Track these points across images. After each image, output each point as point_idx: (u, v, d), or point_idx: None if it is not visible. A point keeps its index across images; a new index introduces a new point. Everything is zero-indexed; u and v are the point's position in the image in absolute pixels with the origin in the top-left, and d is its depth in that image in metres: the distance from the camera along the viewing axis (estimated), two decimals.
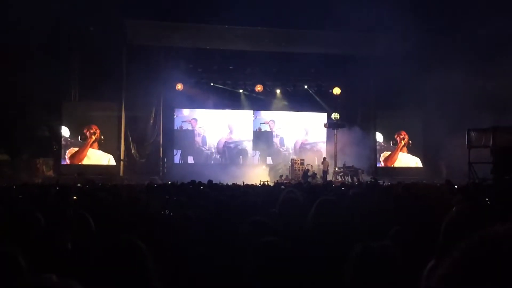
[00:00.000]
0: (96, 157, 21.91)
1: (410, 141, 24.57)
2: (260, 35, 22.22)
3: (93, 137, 21.72)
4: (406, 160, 24.73)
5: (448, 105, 19.98)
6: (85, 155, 21.75)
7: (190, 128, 24.60)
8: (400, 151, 24.70)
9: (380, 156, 24.68)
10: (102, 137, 21.83)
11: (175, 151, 24.18)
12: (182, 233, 3.03)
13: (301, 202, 4.67)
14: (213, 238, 3.10)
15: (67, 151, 21.55)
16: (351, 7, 18.23)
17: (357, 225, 3.35)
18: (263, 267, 2.17)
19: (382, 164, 24.64)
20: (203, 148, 24.64)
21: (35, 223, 2.85)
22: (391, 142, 24.66)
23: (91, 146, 21.76)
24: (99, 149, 21.88)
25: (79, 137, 21.60)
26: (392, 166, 24.49)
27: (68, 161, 21.54)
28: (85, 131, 21.62)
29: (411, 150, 24.61)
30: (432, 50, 20.61)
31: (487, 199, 5.43)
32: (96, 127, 21.77)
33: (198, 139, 24.61)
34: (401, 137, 24.59)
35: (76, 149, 21.64)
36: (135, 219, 3.45)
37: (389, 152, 24.69)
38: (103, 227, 3.16)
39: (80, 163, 21.59)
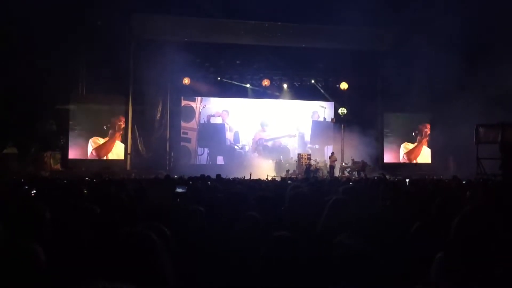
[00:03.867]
0: (120, 149, 22.02)
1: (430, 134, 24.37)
2: (268, 29, 22.16)
3: (122, 129, 21.92)
4: (425, 152, 24.51)
5: (457, 100, 19.86)
6: (111, 148, 21.87)
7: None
8: (422, 144, 24.50)
9: (401, 147, 24.36)
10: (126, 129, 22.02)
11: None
12: (193, 227, 3.03)
13: (307, 195, 4.69)
14: (224, 232, 3.10)
15: (91, 142, 21.59)
16: (360, 2, 18.14)
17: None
18: (274, 261, 2.17)
19: (403, 158, 24.35)
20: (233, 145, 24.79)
21: (41, 217, 2.85)
22: (413, 133, 24.38)
23: (116, 138, 21.94)
24: (121, 141, 22.08)
25: (104, 126, 21.69)
26: (410, 161, 24.23)
27: (94, 153, 21.61)
28: (114, 121, 21.77)
29: (428, 143, 24.45)
30: (439, 45, 20.44)
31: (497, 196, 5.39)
32: (124, 119, 21.89)
33: (230, 135, 24.73)
34: (425, 130, 24.36)
35: (102, 141, 21.72)
36: (146, 212, 3.46)
37: (411, 145, 24.42)
38: (113, 220, 3.17)
39: (106, 156, 21.72)
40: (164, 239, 2.08)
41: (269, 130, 25.06)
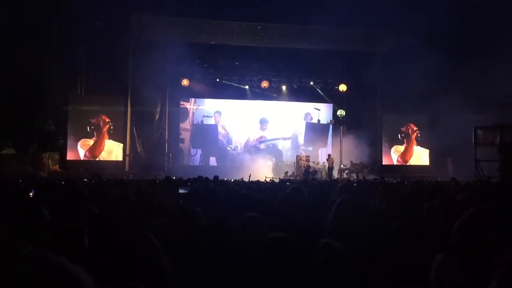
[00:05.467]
0: (112, 148, 21.83)
1: (419, 134, 24.29)
2: (267, 31, 22.16)
3: (107, 127, 21.74)
4: (420, 153, 24.37)
5: (455, 102, 19.88)
6: (103, 148, 21.70)
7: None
8: (412, 144, 24.36)
9: (391, 152, 24.30)
10: (111, 126, 21.85)
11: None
12: (193, 227, 3.03)
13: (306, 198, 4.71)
14: (222, 233, 3.10)
15: (80, 144, 21.45)
16: (358, 4, 18.19)
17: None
18: (270, 262, 2.17)
19: (397, 160, 24.19)
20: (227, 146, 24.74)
21: (39, 218, 2.84)
22: (399, 135, 24.28)
23: (104, 137, 21.79)
24: (109, 139, 21.84)
25: (88, 128, 21.60)
26: (405, 163, 24.08)
27: (88, 155, 21.41)
28: (94, 121, 21.58)
29: (420, 143, 24.35)
30: (437, 47, 20.48)
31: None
32: (106, 117, 21.78)
33: (222, 139, 24.70)
34: (411, 129, 24.28)
35: (91, 141, 21.62)
36: (146, 213, 3.46)
37: (402, 147, 24.34)
38: (112, 221, 3.17)
39: (98, 157, 21.58)
40: (164, 240, 2.08)
41: (263, 131, 25.05)
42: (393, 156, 24.12)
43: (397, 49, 21.35)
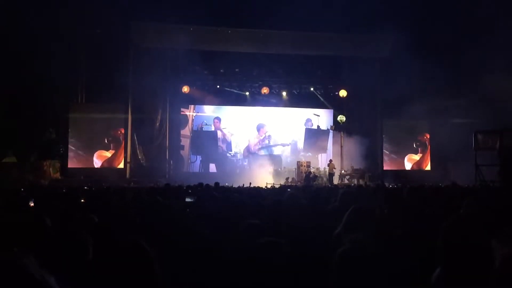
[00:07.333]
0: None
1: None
2: (267, 37, 22.20)
3: (123, 141, 21.93)
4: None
5: (455, 106, 19.90)
6: (122, 160, 21.87)
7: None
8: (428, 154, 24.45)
9: (405, 160, 24.39)
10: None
11: None
12: (195, 235, 3.04)
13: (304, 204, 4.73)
14: (224, 241, 3.11)
15: (96, 156, 21.59)
16: (359, 10, 18.27)
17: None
18: (262, 268, 2.16)
19: (412, 167, 24.34)
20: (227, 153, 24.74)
21: (42, 227, 2.86)
22: (414, 144, 24.42)
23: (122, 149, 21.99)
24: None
25: (105, 140, 21.71)
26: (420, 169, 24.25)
27: (106, 165, 21.63)
28: (113, 133, 21.75)
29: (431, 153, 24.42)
30: (437, 51, 20.53)
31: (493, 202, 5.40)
32: (123, 130, 21.98)
33: (222, 146, 24.70)
34: (428, 140, 24.33)
35: (108, 153, 21.71)
36: (145, 221, 3.47)
37: (417, 156, 24.41)
38: (110, 229, 3.18)
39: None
40: (163, 249, 2.09)
41: (261, 137, 25.02)
42: (406, 164, 24.33)
43: (396, 54, 21.37)
